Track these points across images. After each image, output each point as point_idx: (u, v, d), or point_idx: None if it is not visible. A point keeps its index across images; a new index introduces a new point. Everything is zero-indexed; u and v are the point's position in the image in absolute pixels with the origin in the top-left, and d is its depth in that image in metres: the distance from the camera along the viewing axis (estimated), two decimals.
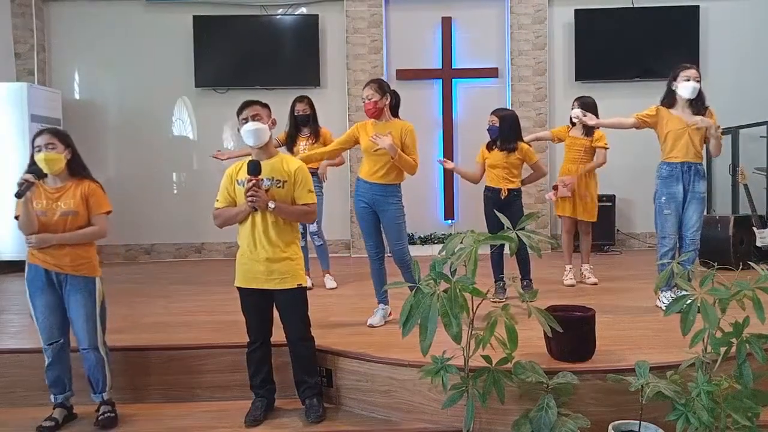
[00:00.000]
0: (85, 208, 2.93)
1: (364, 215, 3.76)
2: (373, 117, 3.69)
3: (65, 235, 2.89)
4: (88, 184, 2.98)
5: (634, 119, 4.02)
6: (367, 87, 3.68)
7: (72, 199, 2.91)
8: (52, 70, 7.01)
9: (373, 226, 3.76)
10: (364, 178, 3.74)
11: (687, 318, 2.36)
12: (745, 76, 6.83)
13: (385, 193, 3.69)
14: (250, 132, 2.90)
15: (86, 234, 2.94)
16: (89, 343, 2.94)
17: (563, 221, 4.97)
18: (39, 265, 2.89)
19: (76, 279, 2.91)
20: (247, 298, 2.98)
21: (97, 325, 2.96)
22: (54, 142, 2.90)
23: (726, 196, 6.45)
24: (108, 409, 3.00)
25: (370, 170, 3.70)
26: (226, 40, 6.81)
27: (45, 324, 2.92)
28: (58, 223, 2.89)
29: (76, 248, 2.92)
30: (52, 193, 2.91)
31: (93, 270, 2.98)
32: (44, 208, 2.88)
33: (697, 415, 2.27)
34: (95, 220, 2.97)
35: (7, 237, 6.03)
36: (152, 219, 6.95)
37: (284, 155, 3.07)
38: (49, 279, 2.90)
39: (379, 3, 6.83)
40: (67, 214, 2.89)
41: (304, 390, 3.04)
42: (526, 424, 2.47)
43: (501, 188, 4.32)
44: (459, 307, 2.28)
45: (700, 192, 3.96)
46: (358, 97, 6.77)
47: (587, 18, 6.80)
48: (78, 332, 2.94)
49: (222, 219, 2.99)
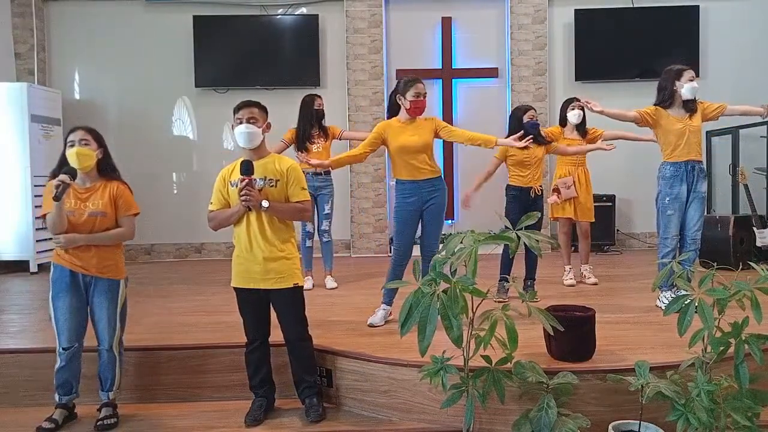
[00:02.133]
0: (113, 210, 2.94)
1: (410, 217, 3.69)
2: (420, 114, 3.69)
3: (93, 236, 2.89)
4: (117, 185, 2.99)
5: (636, 113, 3.99)
6: (422, 83, 3.65)
7: (101, 200, 2.91)
8: (52, 70, 7.01)
9: (414, 227, 3.71)
10: (408, 179, 3.67)
11: (684, 318, 2.36)
12: (745, 76, 6.84)
13: (433, 187, 3.68)
14: (243, 134, 2.90)
15: (114, 235, 2.94)
16: (108, 343, 2.96)
17: (560, 222, 4.97)
18: (65, 266, 2.89)
19: (101, 281, 2.92)
20: (244, 298, 2.98)
21: (117, 326, 2.98)
22: (88, 138, 2.91)
23: (726, 196, 6.45)
24: (109, 413, 2.99)
25: (410, 169, 3.66)
26: (226, 40, 6.81)
27: (64, 326, 2.91)
28: (86, 224, 2.88)
29: (103, 250, 2.92)
30: (81, 194, 2.91)
31: (119, 272, 2.99)
32: (72, 208, 2.87)
33: (697, 415, 2.27)
34: (123, 222, 2.97)
35: (8, 237, 6.04)
36: (152, 219, 6.92)
37: (276, 155, 3.06)
38: (75, 281, 2.89)
39: (379, 3, 6.84)
40: (96, 215, 2.89)
41: (304, 389, 3.04)
42: (526, 424, 2.47)
43: (532, 187, 4.30)
44: (459, 308, 2.27)
45: (702, 191, 3.96)
46: (358, 97, 6.83)
47: (587, 18, 6.81)
48: (99, 332, 2.96)
49: (217, 221, 2.99)
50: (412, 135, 3.65)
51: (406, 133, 3.66)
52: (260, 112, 2.97)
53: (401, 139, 3.64)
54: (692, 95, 3.89)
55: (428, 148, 3.69)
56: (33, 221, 5.96)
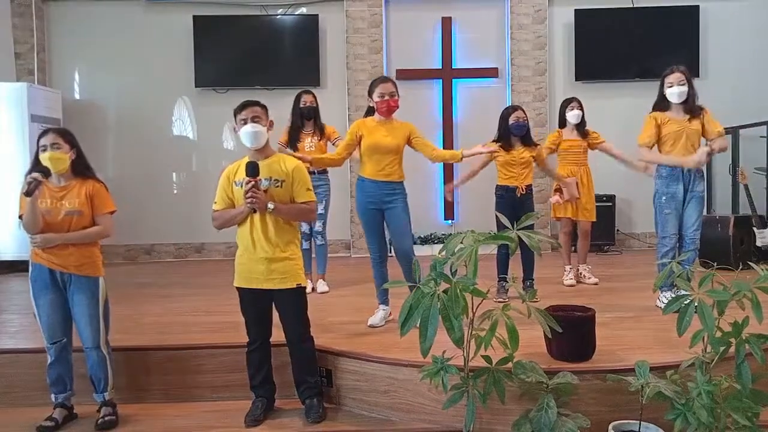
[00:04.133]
0: (89, 208, 2.94)
1: (370, 216, 3.71)
2: (390, 115, 3.68)
3: (70, 235, 2.89)
4: (93, 183, 2.98)
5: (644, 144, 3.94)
6: (389, 83, 3.64)
7: (77, 199, 2.92)
8: (52, 70, 7.00)
9: (379, 227, 3.73)
10: (370, 178, 3.69)
11: (683, 318, 2.36)
12: (745, 76, 6.83)
13: (393, 191, 3.67)
14: (250, 134, 2.89)
15: (90, 234, 2.94)
16: (92, 342, 2.95)
17: (562, 222, 4.96)
18: (43, 265, 2.89)
19: (80, 279, 2.92)
20: (247, 298, 2.98)
21: (100, 325, 2.97)
22: (59, 141, 2.90)
23: (726, 196, 6.44)
24: (109, 412, 3.00)
25: (375, 169, 3.66)
26: (226, 40, 6.81)
27: (48, 323, 2.93)
28: (63, 223, 2.89)
29: (81, 248, 2.92)
30: (56, 192, 2.92)
31: (96, 270, 2.98)
32: (49, 208, 2.88)
33: (697, 415, 2.27)
34: (99, 220, 2.97)
35: (7, 237, 6.04)
36: (152, 219, 6.95)
37: (281, 155, 3.06)
38: (54, 278, 2.90)
39: (379, 3, 6.83)
40: (72, 214, 2.90)
41: (304, 390, 3.04)
42: (526, 424, 2.47)
43: (517, 186, 4.31)
44: (460, 308, 2.27)
45: (700, 191, 3.96)
46: (358, 97, 6.82)
47: (587, 18, 6.80)
48: (82, 332, 2.95)
49: (221, 221, 2.98)
50: (385, 135, 3.65)
51: (379, 133, 3.66)
52: (262, 110, 2.97)
53: (374, 137, 3.64)
54: (678, 99, 3.90)
55: (399, 151, 3.68)
56: None
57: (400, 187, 3.71)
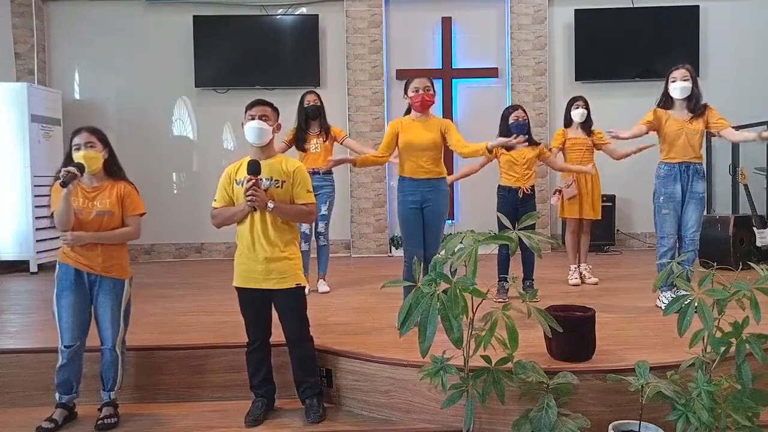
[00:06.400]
0: (120, 209, 2.95)
1: (412, 215, 3.65)
2: (425, 109, 3.66)
3: (100, 234, 2.89)
4: (124, 185, 3.00)
5: (643, 125, 3.98)
6: (424, 78, 3.63)
7: (108, 199, 2.92)
8: (52, 70, 7.01)
9: (420, 226, 3.66)
10: (409, 176, 3.64)
11: (684, 318, 2.36)
12: (745, 76, 6.84)
13: (433, 188, 3.64)
14: (254, 129, 2.89)
15: (120, 234, 2.95)
16: (111, 342, 2.97)
17: (568, 222, 4.96)
18: (70, 265, 2.89)
19: (106, 280, 2.92)
20: (246, 297, 2.98)
21: (120, 326, 2.98)
22: (93, 140, 2.91)
23: (726, 196, 6.45)
24: (110, 413, 2.99)
25: (413, 166, 3.63)
26: (226, 40, 6.81)
27: (67, 324, 2.91)
28: (93, 223, 2.89)
29: (109, 249, 2.93)
30: (88, 192, 2.92)
31: (123, 272, 2.99)
32: (80, 207, 2.88)
33: (697, 415, 2.27)
34: (129, 221, 2.98)
35: (8, 237, 6.04)
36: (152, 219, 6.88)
37: (283, 156, 3.07)
38: (79, 279, 2.90)
39: (379, 3, 6.84)
40: (103, 214, 2.90)
41: (304, 390, 3.04)
42: (526, 424, 2.47)
43: (520, 187, 4.30)
44: (460, 309, 2.27)
45: (698, 192, 3.96)
46: (358, 97, 6.83)
47: (587, 18, 6.81)
48: (102, 331, 2.96)
49: (220, 219, 2.98)
50: (421, 132, 3.63)
51: (415, 130, 3.64)
52: (273, 112, 2.98)
53: (410, 134, 3.63)
54: (680, 95, 3.91)
55: (436, 147, 3.65)
56: (33, 221, 5.96)
57: (439, 183, 3.67)
